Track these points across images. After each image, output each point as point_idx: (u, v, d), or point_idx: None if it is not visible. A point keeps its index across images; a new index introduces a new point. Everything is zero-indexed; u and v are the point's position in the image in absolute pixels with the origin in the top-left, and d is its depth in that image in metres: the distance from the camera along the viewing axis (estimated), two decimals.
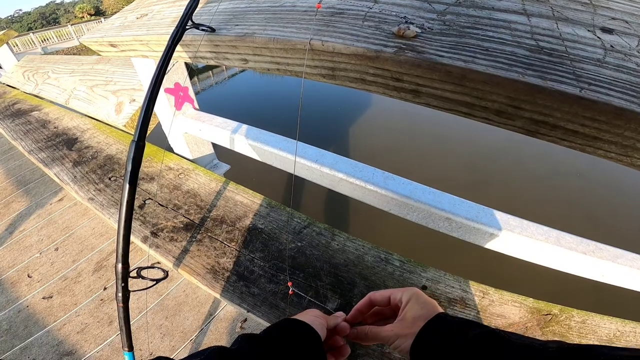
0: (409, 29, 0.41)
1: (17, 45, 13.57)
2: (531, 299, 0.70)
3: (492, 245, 0.75)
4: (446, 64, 0.38)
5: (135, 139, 0.55)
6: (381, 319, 0.50)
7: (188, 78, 1.18)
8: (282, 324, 0.43)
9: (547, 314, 0.67)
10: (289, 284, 0.65)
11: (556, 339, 0.62)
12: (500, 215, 0.74)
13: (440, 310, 0.41)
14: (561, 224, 0.73)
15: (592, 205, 3.28)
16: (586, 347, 0.28)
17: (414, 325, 0.39)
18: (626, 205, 3.27)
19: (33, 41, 14.75)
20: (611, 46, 0.38)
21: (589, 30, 0.40)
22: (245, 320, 0.82)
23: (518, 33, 0.40)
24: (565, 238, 0.70)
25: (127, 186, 0.55)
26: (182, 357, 0.35)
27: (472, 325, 0.37)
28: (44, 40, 15.57)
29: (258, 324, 0.78)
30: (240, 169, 1.73)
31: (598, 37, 0.39)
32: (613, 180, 3.54)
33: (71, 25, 17.14)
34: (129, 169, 0.55)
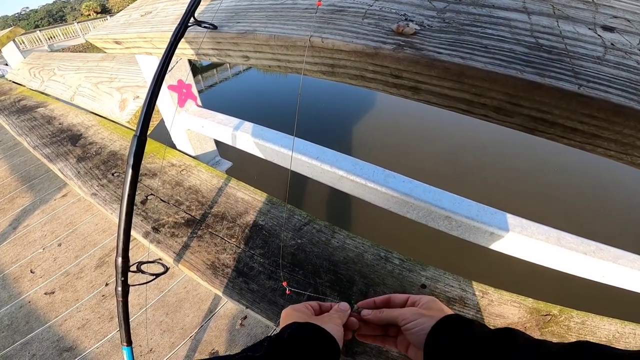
0: (408, 26, 0.41)
1: (23, 42, 13.65)
2: (530, 299, 0.70)
3: (492, 244, 0.74)
4: (444, 60, 0.38)
5: (137, 134, 0.56)
6: None
7: (191, 74, 1.18)
8: (306, 334, 0.41)
9: (546, 315, 0.67)
10: (284, 284, 0.65)
11: (555, 340, 0.62)
12: (500, 215, 0.73)
13: None
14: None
15: (571, 200, 3.29)
16: (588, 343, 0.29)
17: (433, 317, 0.40)
18: (606, 201, 3.27)
19: (39, 39, 14.85)
20: (612, 44, 0.37)
21: (589, 29, 0.40)
22: (245, 317, 0.83)
23: (518, 31, 0.40)
24: (566, 238, 0.69)
25: (128, 179, 0.56)
26: None
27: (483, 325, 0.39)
28: (51, 37, 15.66)
29: (257, 321, 0.79)
30: (242, 166, 1.74)
31: (599, 35, 0.39)
32: (593, 176, 3.56)
33: (77, 22, 17.24)
34: (131, 162, 0.55)
